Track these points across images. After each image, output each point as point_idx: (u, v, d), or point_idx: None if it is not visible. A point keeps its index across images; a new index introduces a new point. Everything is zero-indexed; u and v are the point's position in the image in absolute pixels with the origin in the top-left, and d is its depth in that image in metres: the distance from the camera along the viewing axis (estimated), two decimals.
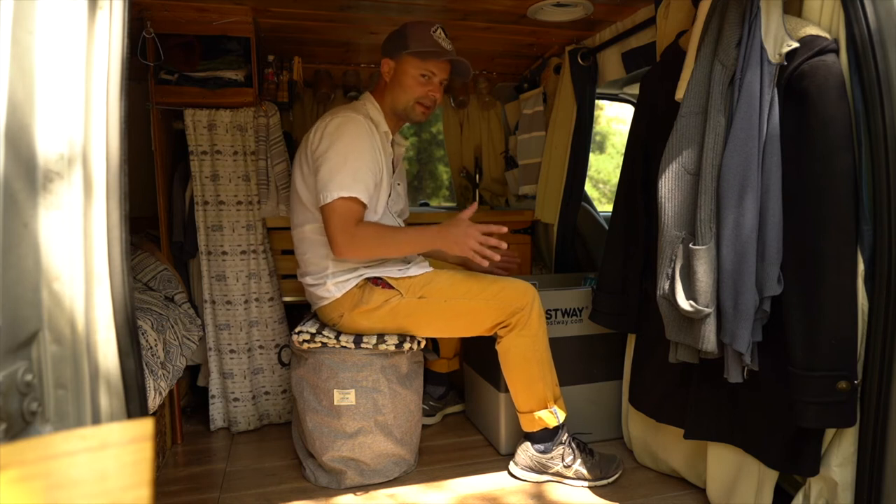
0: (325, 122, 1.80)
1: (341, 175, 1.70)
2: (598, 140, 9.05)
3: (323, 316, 1.88)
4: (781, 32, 1.31)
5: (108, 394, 0.76)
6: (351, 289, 1.81)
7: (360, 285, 1.82)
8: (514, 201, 3.13)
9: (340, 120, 1.78)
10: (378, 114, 1.89)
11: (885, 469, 1.17)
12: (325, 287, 1.83)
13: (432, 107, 1.90)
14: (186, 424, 2.29)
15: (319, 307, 1.88)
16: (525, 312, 1.78)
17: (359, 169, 1.73)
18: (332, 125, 1.78)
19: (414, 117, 1.89)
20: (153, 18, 2.02)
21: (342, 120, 1.78)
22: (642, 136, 1.82)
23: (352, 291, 1.82)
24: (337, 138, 1.74)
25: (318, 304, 1.88)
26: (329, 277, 1.82)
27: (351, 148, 1.73)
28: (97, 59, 0.78)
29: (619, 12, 2.23)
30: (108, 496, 0.49)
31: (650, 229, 1.73)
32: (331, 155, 1.72)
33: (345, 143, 1.74)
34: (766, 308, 1.34)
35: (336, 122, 1.78)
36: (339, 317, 1.83)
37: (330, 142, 1.74)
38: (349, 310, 1.81)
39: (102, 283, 0.77)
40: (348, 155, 1.72)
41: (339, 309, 1.83)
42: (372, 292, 1.82)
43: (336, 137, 1.74)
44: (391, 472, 1.84)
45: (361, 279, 1.82)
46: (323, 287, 1.83)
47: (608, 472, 1.80)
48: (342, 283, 1.82)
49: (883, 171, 1.15)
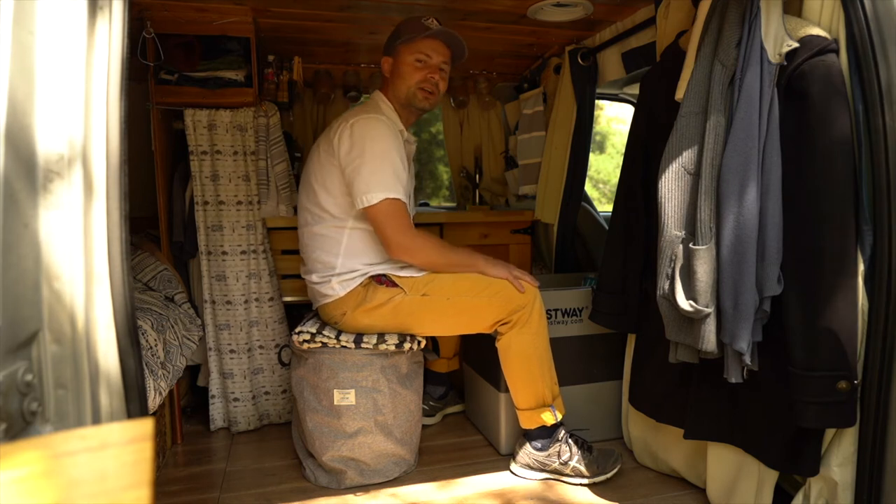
0: (349, 123, 1.81)
1: (383, 176, 1.73)
2: (598, 140, 9.04)
3: (324, 314, 1.89)
4: (781, 32, 1.31)
5: (108, 394, 0.76)
6: (355, 287, 1.82)
7: (364, 284, 1.83)
8: (514, 201, 3.12)
9: (366, 121, 1.80)
10: (391, 112, 1.91)
11: (885, 469, 1.17)
12: (330, 285, 1.83)
13: (435, 92, 1.91)
14: (186, 424, 2.29)
15: (322, 304, 1.88)
16: (526, 310, 1.79)
17: (397, 170, 1.77)
18: (358, 127, 1.79)
19: (418, 103, 1.90)
20: (153, 18, 2.02)
21: (368, 121, 1.80)
22: (642, 136, 1.82)
23: (356, 290, 1.82)
24: (370, 140, 1.76)
25: (320, 302, 1.89)
26: (335, 276, 1.83)
27: (385, 149, 1.77)
28: (97, 59, 0.78)
29: (619, 12, 2.23)
30: (108, 496, 0.49)
31: (650, 229, 1.73)
32: (367, 157, 1.74)
33: (378, 144, 1.76)
34: (766, 308, 1.34)
35: (363, 124, 1.79)
36: (342, 315, 1.83)
37: (363, 144, 1.76)
38: (352, 308, 1.82)
39: (102, 283, 0.77)
40: (384, 156, 1.76)
41: (342, 307, 1.83)
42: (376, 290, 1.82)
43: (368, 139, 1.77)
44: (391, 472, 1.84)
45: (366, 277, 1.83)
46: (327, 285, 1.84)
47: (606, 468, 1.80)
48: (347, 281, 1.82)
49: (883, 171, 1.15)
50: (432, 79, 1.88)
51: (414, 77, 1.87)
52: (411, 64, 1.87)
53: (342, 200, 1.82)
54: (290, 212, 2.29)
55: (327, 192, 1.83)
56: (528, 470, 1.85)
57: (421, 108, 1.93)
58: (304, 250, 1.94)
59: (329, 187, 1.82)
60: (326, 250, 1.85)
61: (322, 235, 1.86)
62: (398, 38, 1.88)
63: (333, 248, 1.83)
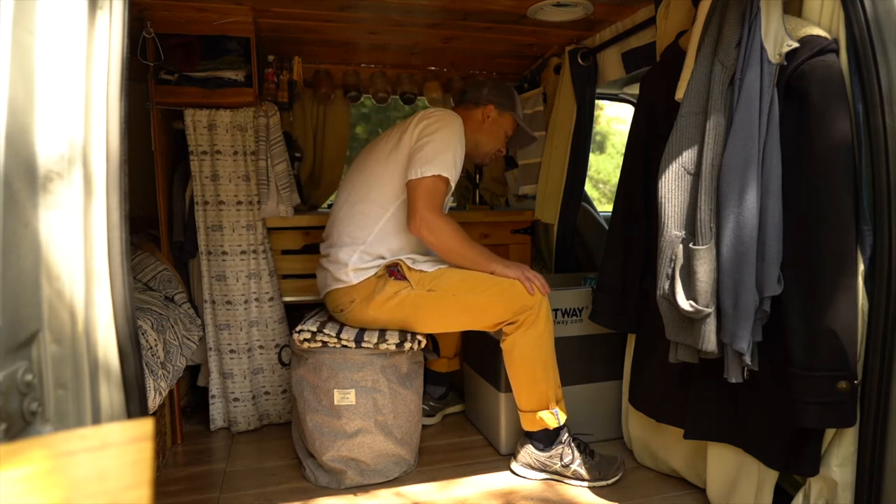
0: (432, 111, 1.95)
1: (445, 156, 1.82)
2: (598, 140, 9.05)
3: (331, 301, 1.90)
4: (781, 32, 1.31)
5: (108, 394, 0.76)
6: (369, 277, 1.84)
7: (378, 275, 1.85)
8: (514, 201, 3.12)
9: (450, 115, 1.93)
10: None
11: (885, 469, 1.17)
12: (345, 270, 1.85)
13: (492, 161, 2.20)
14: (186, 424, 2.29)
15: (331, 290, 1.89)
16: (533, 312, 1.78)
17: (458, 156, 1.88)
18: (440, 114, 1.92)
19: (485, 162, 2.18)
20: (153, 18, 2.02)
21: (451, 115, 1.94)
22: (642, 136, 1.82)
23: (369, 280, 1.84)
24: (447, 126, 1.88)
25: (330, 287, 1.90)
26: (356, 254, 1.86)
27: (457, 138, 1.89)
28: (97, 60, 0.78)
29: (619, 12, 2.23)
30: (108, 496, 0.49)
31: (650, 229, 1.73)
32: (437, 137, 1.85)
33: (453, 132, 1.89)
34: (766, 308, 1.34)
35: (447, 115, 1.92)
36: (350, 302, 1.85)
37: (440, 127, 1.87)
38: (361, 298, 1.84)
39: (102, 283, 0.77)
40: (452, 142, 1.86)
41: (352, 294, 1.85)
42: (386, 283, 1.84)
43: (446, 125, 1.88)
44: (391, 472, 1.84)
45: (381, 267, 1.85)
46: (344, 269, 1.86)
47: (607, 474, 1.80)
48: (363, 270, 1.85)
49: (883, 171, 1.15)
50: (503, 151, 2.16)
51: (500, 144, 2.13)
52: (506, 134, 2.12)
53: (397, 185, 1.87)
54: (290, 212, 2.29)
55: (388, 174, 1.88)
56: (529, 469, 1.85)
57: (480, 164, 2.15)
58: (336, 225, 1.96)
59: (392, 169, 1.88)
60: (362, 226, 1.89)
61: (363, 213, 1.90)
62: (512, 107, 2.11)
63: (369, 225, 1.88)
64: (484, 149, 2.10)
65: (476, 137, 2.06)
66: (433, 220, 1.79)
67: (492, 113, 2.07)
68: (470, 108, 2.09)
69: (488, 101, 2.08)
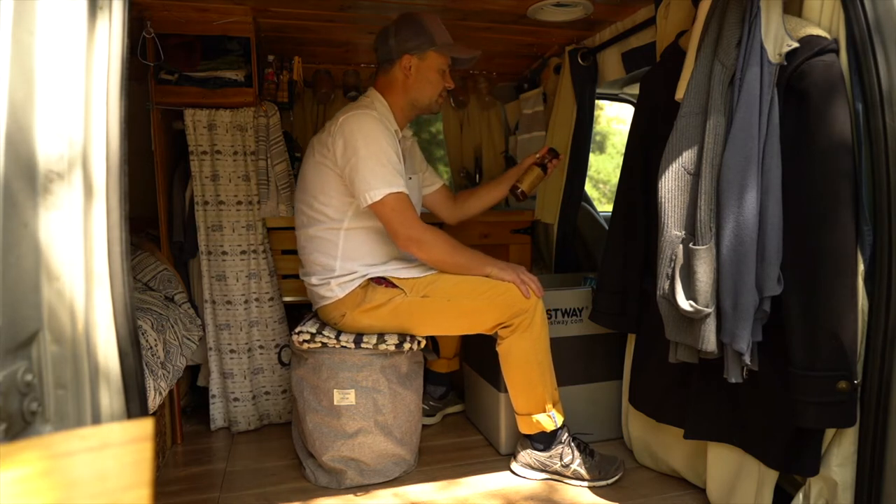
0: (339, 122, 1.78)
1: (382, 171, 1.72)
2: (598, 140, 9.04)
3: (324, 315, 1.88)
4: (781, 32, 1.31)
5: (108, 394, 0.75)
6: (354, 289, 1.82)
7: (363, 285, 1.82)
8: (514, 201, 3.12)
9: (355, 118, 1.77)
10: (387, 111, 1.89)
11: (885, 469, 1.17)
12: (329, 287, 1.83)
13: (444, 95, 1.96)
14: (186, 424, 2.29)
15: (321, 306, 1.88)
16: (528, 315, 1.78)
17: (394, 164, 1.76)
18: (347, 124, 1.77)
19: (435, 109, 1.95)
20: (153, 18, 2.02)
21: (357, 118, 1.77)
22: (642, 136, 1.82)
23: (355, 291, 1.82)
24: (361, 136, 1.74)
25: (319, 304, 1.88)
26: (334, 279, 1.82)
27: (381, 144, 1.75)
28: (97, 59, 0.78)
29: (619, 12, 2.23)
30: (108, 496, 0.49)
31: (650, 229, 1.73)
32: (362, 154, 1.72)
33: (373, 140, 1.74)
34: (766, 308, 1.34)
35: (352, 121, 1.77)
36: (342, 316, 1.83)
37: (355, 142, 1.73)
38: (351, 309, 1.82)
39: (102, 283, 0.77)
40: (379, 152, 1.73)
41: (342, 308, 1.83)
42: (375, 291, 1.82)
43: (360, 136, 1.74)
44: (391, 472, 1.84)
45: (365, 279, 1.82)
46: (326, 287, 1.83)
47: (607, 474, 1.80)
48: (346, 283, 1.82)
49: (883, 171, 1.15)
50: (449, 86, 1.93)
51: (440, 85, 1.90)
52: (440, 72, 1.88)
53: (337, 201, 1.81)
54: (289, 212, 2.29)
55: (323, 194, 1.82)
56: (529, 470, 1.85)
57: (434, 113, 1.98)
58: (301, 252, 1.93)
59: (325, 188, 1.81)
60: (324, 252, 1.84)
61: (318, 238, 1.85)
62: (431, 42, 1.83)
63: (331, 250, 1.83)
64: (424, 101, 1.90)
65: (409, 97, 1.89)
66: (417, 235, 1.75)
67: (412, 62, 1.85)
68: (387, 71, 1.89)
69: (401, 51, 1.84)
